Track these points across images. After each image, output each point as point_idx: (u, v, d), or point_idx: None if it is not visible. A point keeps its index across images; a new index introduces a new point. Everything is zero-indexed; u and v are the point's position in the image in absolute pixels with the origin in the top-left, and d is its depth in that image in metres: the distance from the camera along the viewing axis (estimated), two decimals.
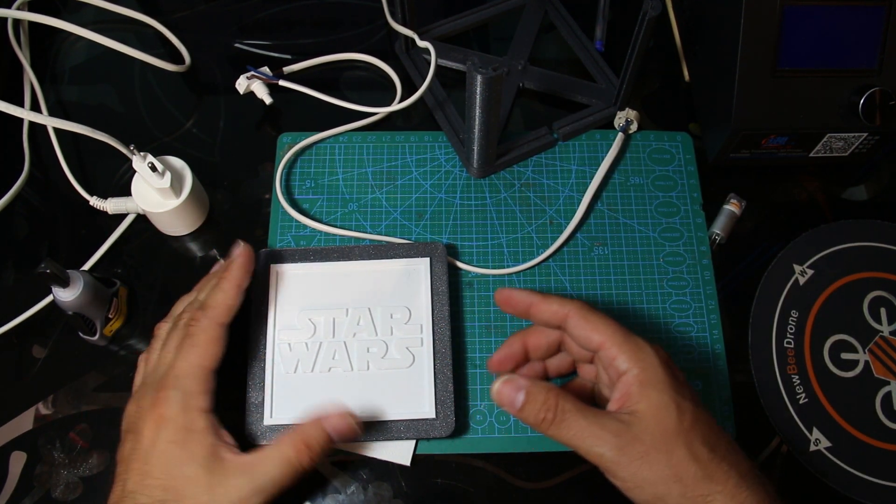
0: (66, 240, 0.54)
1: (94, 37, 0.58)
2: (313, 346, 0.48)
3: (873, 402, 0.49)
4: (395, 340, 0.48)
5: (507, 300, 0.45)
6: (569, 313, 0.42)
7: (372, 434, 0.46)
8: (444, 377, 0.47)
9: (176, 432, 0.40)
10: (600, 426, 0.38)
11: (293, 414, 0.46)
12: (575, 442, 0.38)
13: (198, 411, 0.40)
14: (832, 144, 0.54)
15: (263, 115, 0.59)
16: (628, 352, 0.40)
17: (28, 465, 0.47)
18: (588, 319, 0.41)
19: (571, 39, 0.62)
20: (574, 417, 0.38)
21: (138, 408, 0.41)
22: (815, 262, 0.53)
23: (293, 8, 0.64)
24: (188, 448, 0.39)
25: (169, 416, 0.40)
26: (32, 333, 0.51)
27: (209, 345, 0.42)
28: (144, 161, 0.48)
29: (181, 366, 0.41)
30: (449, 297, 0.49)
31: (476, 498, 0.46)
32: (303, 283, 0.50)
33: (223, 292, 0.44)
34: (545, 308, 0.43)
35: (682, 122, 0.60)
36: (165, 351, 0.43)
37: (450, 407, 0.46)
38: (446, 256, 0.50)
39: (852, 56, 0.50)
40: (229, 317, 0.44)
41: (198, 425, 0.40)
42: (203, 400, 0.41)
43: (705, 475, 0.37)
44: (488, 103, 0.47)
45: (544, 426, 0.39)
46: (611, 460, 0.37)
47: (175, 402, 0.40)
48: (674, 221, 0.55)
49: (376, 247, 0.51)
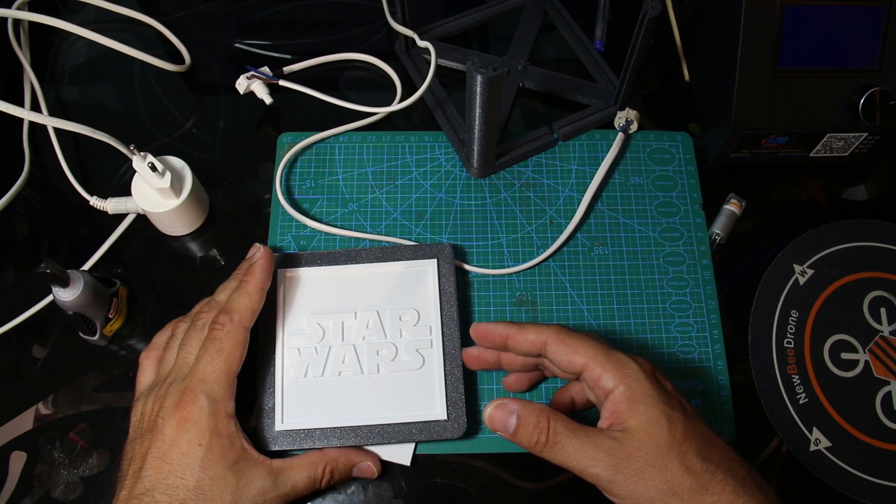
0: (66, 240, 0.54)
1: (94, 37, 0.58)
2: (323, 350, 0.48)
3: (873, 402, 0.49)
4: (404, 343, 0.48)
5: (483, 335, 0.44)
6: (546, 340, 0.41)
7: (383, 437, 0.46)
8: (454, 378, 0.47)
9: (201, 435, 0.40)
10: (594, 446, 0.38)
11: (305, 419, 0.46)
12: (570, 463, 0.38)
13: (224, 416, 0.41)
14: (832, 144, 0.54)
15: (263, 115, 0.59)
16: (612, 370, 0.39)
17: (28, 465, 0.47)
18: (566, 343, 0.41)
19: (571, 39, 0.62)
20: (567, 439, 0.38)
21: (160, 407, 0.41)
22: (815, 262, 0.53)
23: (293, 8, 0.64)
24: (215, 451, 0.40)
25: (194, 419, 0.40)
26: (32, 333, 0.51)
27: (234, 349, 0.42)
28: (144, 161, 0.48)
29: (208, 370, 0.41)
30: (457, 298, 0.49)
31: (476, 498, 0.46)
32: (311, 288, 0.50)
33: (248, 295, 0.44)
34: (522, 339, 0.42)
35: (682, 122, 0.60)
36: (184, 352, 0.43)
37: (461, 408, 0.46)
38: (454, 258, 0.50)
39: (852, 56, 0.50)
40: (253, 320, 0.44)
41: (224, 429, 0.41)
42: (229, 405, 0.42)
43: (701, 486, 0.37)
44: (488, 103, 0.47)
45: (538, 449, 0.39)
46: (606, 480, 0.37)
47: (202, 407, 0.40)
48: (674, 221, 0.55)
49: (383, 249, 0.51)
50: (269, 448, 0.45)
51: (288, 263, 0.50)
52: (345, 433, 0.45)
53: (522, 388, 0.48)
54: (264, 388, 0.47)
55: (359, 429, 0.45)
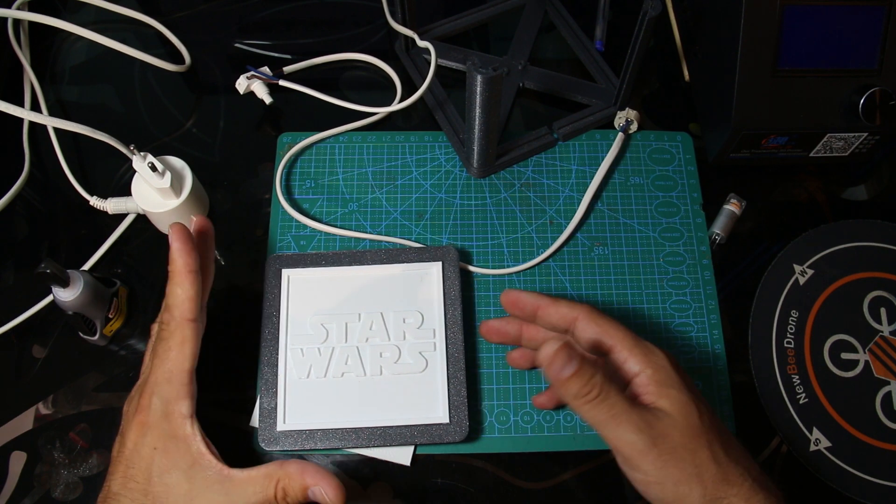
0: (66, 240, 0.54)
1: (94, 37, 0.58)
2: (326, 351, 0.48)
3: (873, 402, 0.49)
4: (407, 345, 0.48)
5: (514, 302, 0.44)
6: (578, 316, 0.42)
7: (385, 439, 0.45)
8: (457, 382, 0.47)
9: (158, 439, 0.39)
10: (637, 413, 0.37)
11: (306, 419, 0.46)
12: (611, 423, 0.37)
13: (180, 417, 0.40)
14: (832, 144, 0.54)
15: (263, 115, 0.59)
16: (639, 355, 0.40)
17: (28, 465, 0.47)
18: (598, 323, 0.41)
19: (571, 39, 0.62)
20: (617, 399, 0.37)
21: (126, 411, 0.42)
22: (815, 262, 0.53)
23: (293, 8, 0.64)
24: (170, 456, 0.39)
25: (150, 422, 0.40)
26: (32, 333, 0.51)
27: (182, 346, 0.41)
28: (144, 161, 0.48)
29: (157, 372, 0.40)
30: (462, 301, 0.49)
31: (476, 498, 0.46)
32: (314, 289, 0.50)
33: (178, 286, 0.41)
34: (554, 311, 0.43)
35: (682, 122, 0.60)
36: (147, 354, 0.44)
37: (463, 412, 0.46)
38: (458, 261, 0.50)
39: (852, 56, 0.50)
40: (195, 308, 0.41)
41: (180, 432, 0.40)
42: (184, 405, 0.40)
43: (724, 477, 0.37)
44: (488, 103, 0.47)
45: (585, 401, 0.37)
46: (640, 450, 0.37)
47: (156, 410, 0.40)
48: (674, 221, 0.55)
49: (388, 251, 0.51)
50: (270, 447, 0.45)
51: (292, 264, 0.50)
52: (346, 434, 0.45)
53: (526, 367, 0.48)
54: (266, 389, 0.47)
55: (360, 430, 0.45)
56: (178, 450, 0.39)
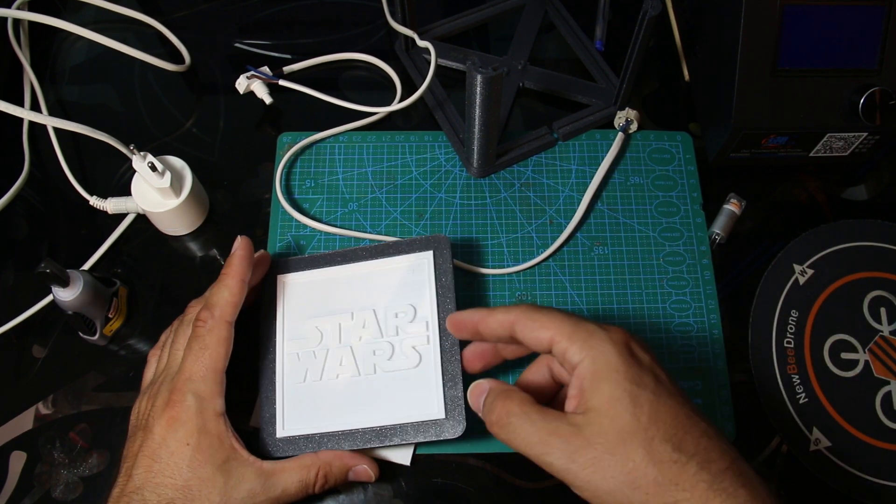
0: (66, 240, 0.54)
1: (94, 37, 0.58)
2: (321, 353, 0.47)
3: (873, 401, 0.49)
4: (400, 340, 0.47)
5: (457, 325, 0.42)
6: (514, 319, 0.38)
7: (382, 439, 0.44)
8: (452, 375, 0.45)
9: (190, 434, 0.40)
10: (549, 431, 0.34)
11: (304, 424, 0.45)
12: (523, 449, 0.35)
13: (213, 414, 0.41)
14: (832, 144, 0.54)
15: (263, 115, 0.59)
16: (579, 341, 0.36)
17: (28, 464, 0.47)
18: (534, 319, 0.38)
19: (571, 39, 0.62)
20: (519, 421, 0.35)
21: (151, 406, 0.41)
22: (815, 262, 0.53)
23: (293, 8, 0.64)
24: (204, 452, 0.40)
25: (183, 418, 0.40)
26: (32, 333, 0.51)
27: (218, 345, 0.42)
28: (144, 161, 0.48)
29: (193, 368, 0.41)
30: (455, 290, 0.47)
31: (476, 498, 0.46)
32: (309, 291, 0.49)
33: (226, 288, 0.44)
34: (492, 321, 0.39)
35: (682, 122, 0.60)
36: (174, 350, 0.43)
37: (460, 406, 0.44)
38: (451, 249, 0.48)
39: (852, 56, 0.50)
40: (235, 313, 0.44)
41: (213, 428, 0.40)
42: (217, 403, 0.41)
43: (668, 480, 0.32)
44: (488, 103, 0.47)
45: (494, 430, 0.36)
46: (560, 469, 0.34)
47: (189, 406, 0.40)
48: (674, 221, 0.55)
49: (380, 245, 0.50)
50: (272, 455, 0.45)
51: (286, 269, 0.50)
52: (343, 437, 0.44)
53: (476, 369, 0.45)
54: (266, 396, 0.46)
55: (356, 432, 0.44)
56: (212, 446, 0.40)
